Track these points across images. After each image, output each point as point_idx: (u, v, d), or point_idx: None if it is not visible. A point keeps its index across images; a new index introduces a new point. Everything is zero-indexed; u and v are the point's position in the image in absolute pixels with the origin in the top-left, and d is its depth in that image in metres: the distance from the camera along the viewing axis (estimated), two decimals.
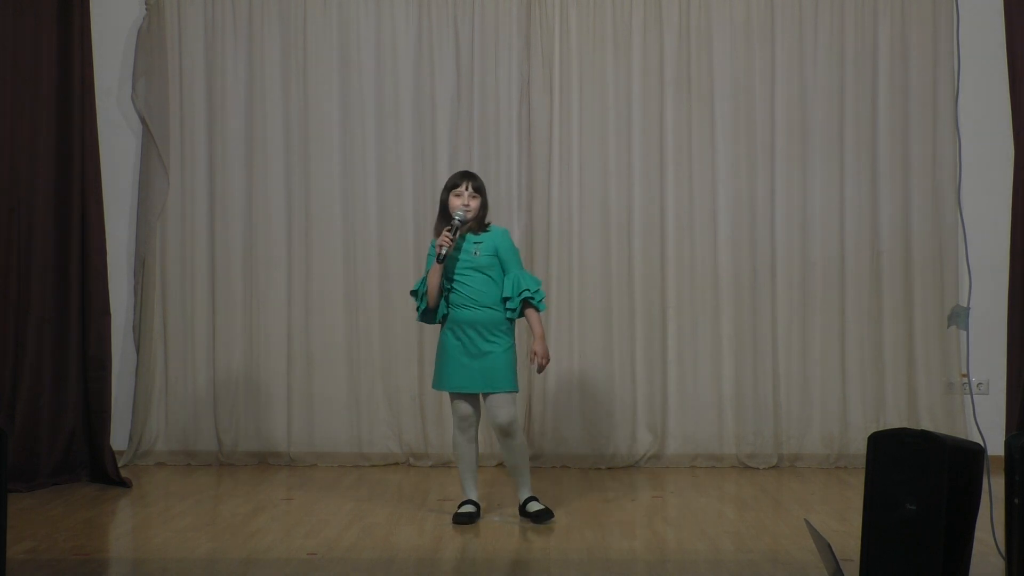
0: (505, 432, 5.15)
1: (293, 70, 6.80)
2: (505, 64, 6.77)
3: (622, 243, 6.76)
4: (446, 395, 6.69)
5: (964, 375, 6.62)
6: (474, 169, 6.72)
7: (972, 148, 6.18)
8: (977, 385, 6.61)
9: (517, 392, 5.23)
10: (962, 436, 6.34)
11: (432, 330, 6.70)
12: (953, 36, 6.57)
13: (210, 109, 6.80)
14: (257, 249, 6.79)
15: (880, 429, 4.10)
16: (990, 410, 6.18)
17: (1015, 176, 5.19)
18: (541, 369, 5.23)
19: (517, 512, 5.35)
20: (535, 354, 5.16)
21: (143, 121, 6.76)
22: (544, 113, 6.76)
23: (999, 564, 4.25)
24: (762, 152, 6.76)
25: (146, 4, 6.78)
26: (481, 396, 5.21)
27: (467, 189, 5.20)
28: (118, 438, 6.57)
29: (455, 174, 5.32)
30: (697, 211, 6.76)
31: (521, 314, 5.20)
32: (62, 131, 6.18)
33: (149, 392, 6.76)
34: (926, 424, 6.51)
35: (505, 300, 5.18)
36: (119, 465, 6.25)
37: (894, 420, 6.63)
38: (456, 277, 5.17)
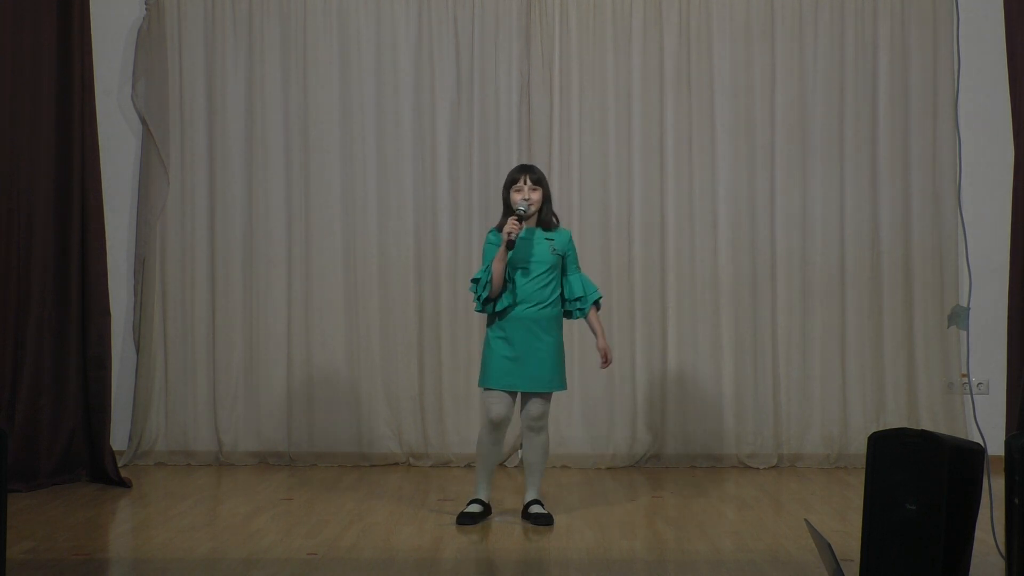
0: (536, 426, 5.17)
1: (293, 70, 6.80)
2: (505, 64, 6.77)
3: (622, 243, 6.76)
4: (446, 395, 6.73)
5: (964, 375, 6.62)
6: (474, 169, 6.75)
7: (972, 148, 6.18)
8: (977, 385, 6.61)
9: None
10: (962, 436, 6.35)
11: (432, 330, 6.73)
12: (953, 36, 6.58)
13: (210, 109, 6.80)
14: (257, 249, 6.79)
15: (880, 429, 4.10)
16: (990, 410, 6.17)
17: (1015, 176, 5.17)
18: (607, 365, 5.30)
19: (518, 513, 5.35)
20: (605, 352, 5.23)
21: (143, 121, 6.76)
22: (544, 113, 6.76)
23: (999, 564, 4.24)
24: (762, 152, 6.76)
25: (146, 4, 6.78)
26: (520, 393, 5.20)
27: (526, 183, 5.12)
28: (118, 438, 6.57)
29: (513, 169, 5.25)
30: (697, 211, 6.76)
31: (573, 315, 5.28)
32: (62, 131, 6.17)
33: (149, 392, 6.76)
34: (926, 424, 6.51)
35: (575, 300, 5.20)
36: (119, 465, 6.25)
37: (894, 420, 6.63)
38: (528, 272, 5.12)
